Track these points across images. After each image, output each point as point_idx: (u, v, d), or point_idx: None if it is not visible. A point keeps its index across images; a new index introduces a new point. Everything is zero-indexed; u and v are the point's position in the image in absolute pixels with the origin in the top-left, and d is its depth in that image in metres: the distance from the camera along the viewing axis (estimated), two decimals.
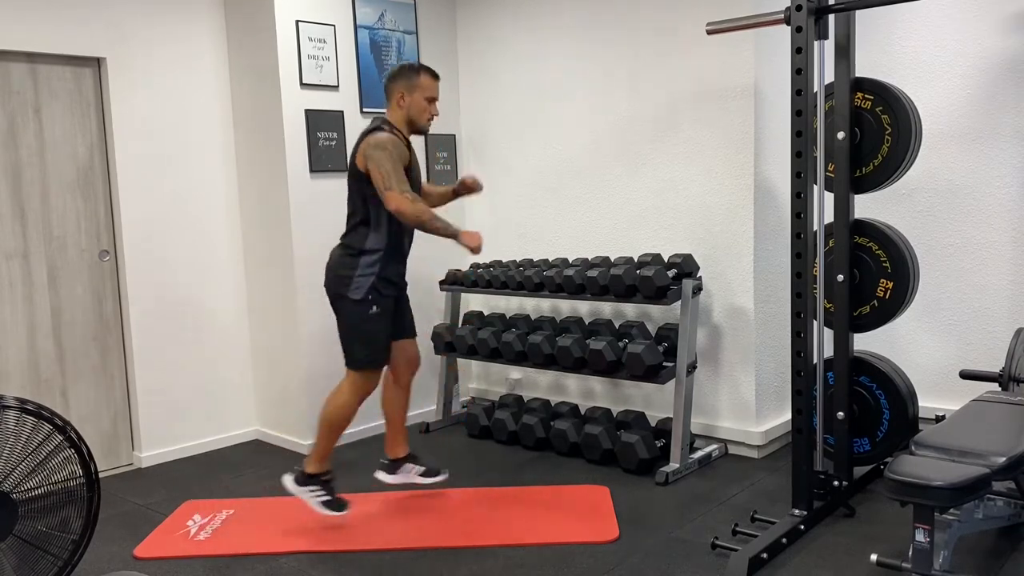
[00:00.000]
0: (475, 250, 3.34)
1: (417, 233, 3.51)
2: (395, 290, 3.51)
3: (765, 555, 2.98)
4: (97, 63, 4.30)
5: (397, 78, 3.45)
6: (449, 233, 3.32)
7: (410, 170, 3.40)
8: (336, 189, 4.60)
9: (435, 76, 3.48)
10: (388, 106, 3.48)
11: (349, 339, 3.43)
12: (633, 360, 3.96)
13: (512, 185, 5.04)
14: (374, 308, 3.39)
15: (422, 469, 3.76)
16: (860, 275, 3.54)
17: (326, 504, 3.44)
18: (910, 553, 2.55)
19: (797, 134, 3.20)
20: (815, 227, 3.33)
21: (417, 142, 4.96)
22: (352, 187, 3.42)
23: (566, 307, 4.85)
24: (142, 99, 4.39)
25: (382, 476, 3.75)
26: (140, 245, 4.41)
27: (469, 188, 3.72)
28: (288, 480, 3.51)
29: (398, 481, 3.74)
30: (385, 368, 3.60)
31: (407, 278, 3.62)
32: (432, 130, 5.03)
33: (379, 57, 4.77)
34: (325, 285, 3.49)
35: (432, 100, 3.47)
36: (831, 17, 3.32)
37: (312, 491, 3.45)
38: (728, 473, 3.96)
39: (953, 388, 4.07)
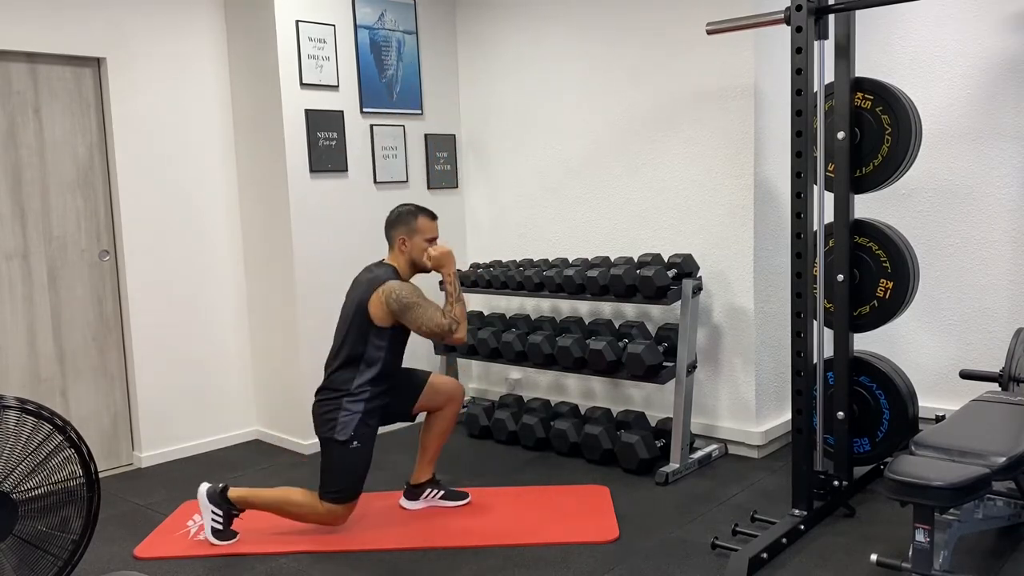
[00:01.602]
0: (440, 268, 3.43)
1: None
2: (384, 400, 3.47)
3: (765, 555, 2.98)
4: (97, 63, 4.30)
5: (397, 225, 3.49)
6: (456, 282, 3.44)
7: None
8: (336, 189, 4.62)
9: (433, 217, 3.52)
10: (390, 251, 3.51)
11: (331, 475, 3.39)
12: (633, 360, 3.96)
13: (512, 185, 5.04)
14: (355, 443, 3.35)
15: (442, 492, 3.71)
16: (860, 275, 3.54)
17: (215, 532, 3.36)
18: (910, 553, 2.55)
19: (797, 134, 3.20)
20: (815, 227, 3.33)
21: (417, 144, 5.01)
22: (352, 325, 3.39)
23: (566, 307, 4.85)
24: (142, 99, 4.39)
25: (404, 503, 3.71)
26: (140, 245, 4.41)
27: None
28: (204, 489, 3.40)
29: (420, 507, 3.68)
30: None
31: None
32: (432, 130, 5.10)
33: (379, 57, 4.77)
34: (314, 425, 3.46)
35: (433, 240, 3.50)
36: (831, 17, 3.32)
37: (215, 513, 3.36)
38: (728, 473, 3.96)
39: (953, 388, 4.07)
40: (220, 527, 3.37)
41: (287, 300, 4.54)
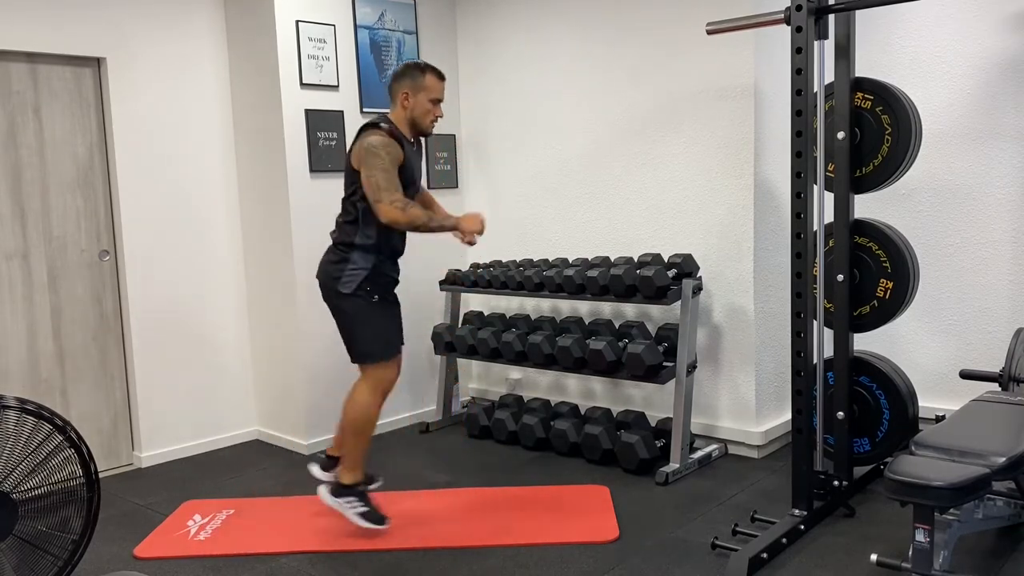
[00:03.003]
0: (478, 233, 3.28)
1: (414, 235, 3.45)
2: (392, 285, 3.41)
3: (765, 555, 2.98)
4: (97, 63, 4.30)
5: (402, 78, 3.36)
6: (448, 226, 3.27)
7: (403, 170, 3.28)
8: (336, 189, 4.60)
9: (441, 77, 3.39)
10: (392, 105, 3.40)
11: (351, 334, 3.32)
12: (633, 360, 3.96)
13: (512, 185, 5.04)
14: (375, 297, 3.28)
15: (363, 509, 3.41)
16: (860, 275, 3.54)
17: (364, 516, 3.30)
18: (910, 553, 2.55)
19: (797, 134, 3.20)
20: (815, 227, 3.33)
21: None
22: (348, 174, 3.34)
23: (566, 307, 4.85)
24: (142, 99, 4.39)
25: (314, 470, 3.57)
26: (140, 245, 4.41)
27: (464, 235, 3.37)
28: (324, 492, 3.37)
29: (326, 478, 3.51)
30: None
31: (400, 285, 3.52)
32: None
33: (379, 57, 4.77)
34: (318, 283, 3.41)
35: (437, 102, 3.38)
36: (831, 17, 3.32)
37: (349, 503, 3.31)
38: (728, 473, 3.96)
39: (953, 388, 4.07)
40: (365, 510, 3.30)
41: (287, 300, 4.54)
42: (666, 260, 4.08)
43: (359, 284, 3.29)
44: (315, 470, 3.58)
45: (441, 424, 4.93)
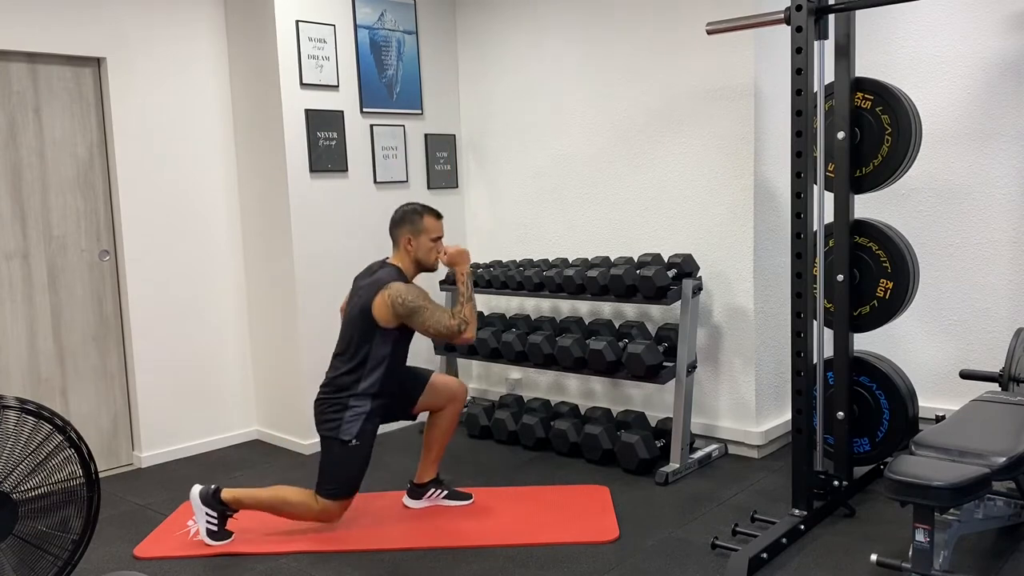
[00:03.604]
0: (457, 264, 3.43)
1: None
2: (387, 399, 3.46)
3: (765, 555, 2.98)
4: (97, 63, 4.30)
5: (401, 223, 3.46)
6: (468, 291, 3.43)
7: None
8: (336, 189, 4.62)
9: (438, 216, 3.51)
10: (394, 248, 3.50)
11: (330, 473, 3.37)
12: (633, 360, 3.96)
13: (512, 185, 5.04)
14: (356, 443, 3.35)
15: (446, 492, 3.70)
16: (860, 275, 3.54)
17: (210, 534, 3.36)
18: (910, 553, 2.55)
19: (797, 134, 3.20)
20: (815, 227, 3.33)
21: (417, 144, 5.00)
22: (356, 328, 3.37)
23: (566, 307, 4.85)
24: (142, 99, 4.39)
25: (408, 501, 3.69)
26: (140, 245, 4.41)
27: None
28: (196, 490, 3.39)
29: (423, 506, 3.67)
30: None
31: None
32: (432, 130, 5.09)
33: (379, 57, 4.77)
34: (316, 421, 3.43)
35: (437, 239, 3.48)
36: (831, 17, 3.32)
37: (208, 515, 3.36)
38: (728, 473, 3.96)
39: (953, 388, 4.07)
40: (215, 528, 3.36)
41: (287, 300, 4.54)
42: (666, 260, 4.08)
43: (359, 428, 3.34)
44: (408, 501, 3.70)
45: None
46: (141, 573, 2.57)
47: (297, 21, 4.38)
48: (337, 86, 4.58)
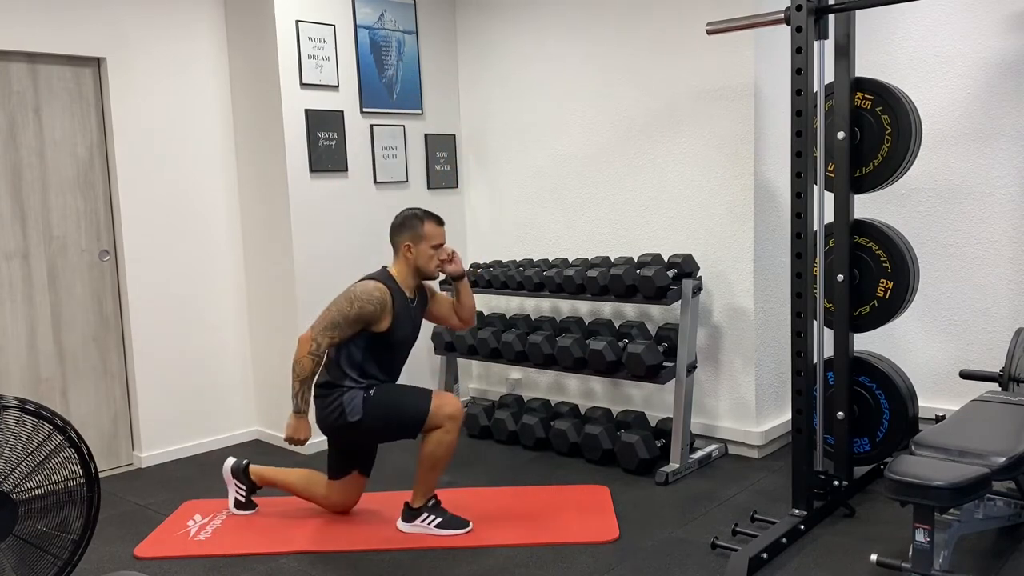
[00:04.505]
0: (288, 441, 3.29)
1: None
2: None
3: (765, 555, 2.98)
4: (97, 63, 4.30)
5: (401, 229, 3.39)
6: (293, 403, 3.25)
7: (392, 332, 3.29)
8: (336, 189, 4.62)
9: (440, 222, 3.43)
10: (394, 255, 3.44)
11: (395, 421, 3.32)
12: (633, 360, 3.96)
13: (512, 185, 5.04)
14: (366, 420, 3.28)
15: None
16: (860, 275, 3.54)
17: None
18: (910, 553, 2.55)
19: (797, 134, 3.20)
20: (815, 227, 3.33)
21: (417, 144, 5.00)
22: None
23: (566, 307, 4.85)
24: (142, 99, 4.39)
25: (401, 525, 3.47)
26: (140, 245, 4.41)
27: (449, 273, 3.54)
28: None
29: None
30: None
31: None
32: (432, 130, 5.09)
33: (379, 57, 4.77)
34: (319, 420, 3.38)
35: (438, 246, 3.41)
36: (831, 17, 3.32)
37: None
38: (728, 473, 3.96)
39: (953, 388, 4.07)
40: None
41: (287, 300, 4.54)
42: (666, 260, 4.08)
43: (363, 406, 3.28)
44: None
45: None
46: (141, 573, 2.57)
47: (297, 21, 4.38)
48: (337, 86, 4.58)
